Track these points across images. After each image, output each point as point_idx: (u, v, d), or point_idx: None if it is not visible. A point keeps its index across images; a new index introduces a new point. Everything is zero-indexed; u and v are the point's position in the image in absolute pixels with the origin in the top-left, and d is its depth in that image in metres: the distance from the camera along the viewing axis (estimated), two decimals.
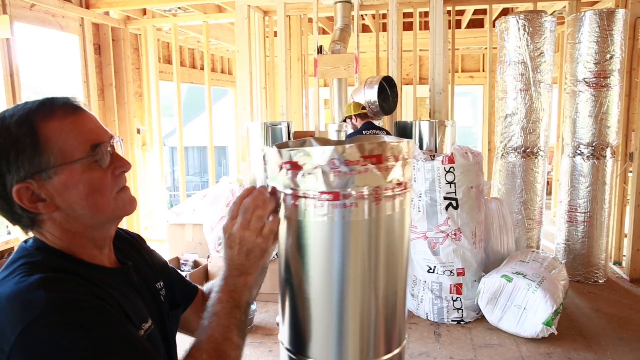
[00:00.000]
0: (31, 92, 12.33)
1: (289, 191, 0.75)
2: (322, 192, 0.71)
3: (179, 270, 1.20)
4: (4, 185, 0.74)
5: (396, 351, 0.81)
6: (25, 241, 0.82)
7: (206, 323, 0.80)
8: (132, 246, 0.99)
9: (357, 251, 0.74)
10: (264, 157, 0.80)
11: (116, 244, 0.92)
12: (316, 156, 0.70)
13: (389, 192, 0.73)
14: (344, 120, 4.27)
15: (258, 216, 0.79)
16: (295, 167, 0.72)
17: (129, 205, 0.84)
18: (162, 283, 1.00)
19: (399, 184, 0.74)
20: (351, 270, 0.74)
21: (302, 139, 0.89)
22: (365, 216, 0.72)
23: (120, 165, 0.81)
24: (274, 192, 0.79)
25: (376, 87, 4.22)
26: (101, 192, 0.78)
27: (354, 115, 4.08)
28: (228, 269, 0.83)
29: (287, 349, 0.83)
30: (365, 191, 0.71)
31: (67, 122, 0.76)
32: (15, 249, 0.81)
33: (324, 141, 0.90)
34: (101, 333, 0.68)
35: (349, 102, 4.41)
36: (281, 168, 0.75)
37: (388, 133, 4.02)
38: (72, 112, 0.77)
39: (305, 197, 0.73)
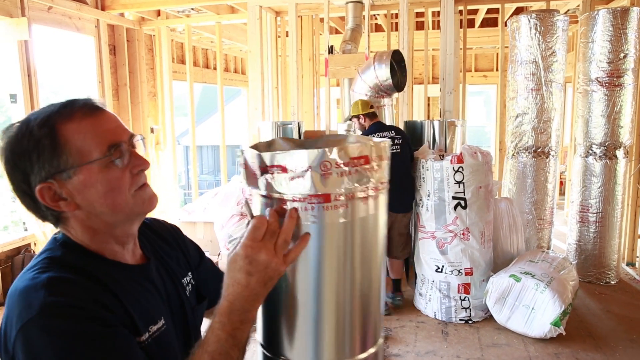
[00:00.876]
0: (50, 92, 12.57)
1: (272, 195, 0.75)
2: (311, 196, 0.71)
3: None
4: (29, 185, 0.78)
5: (372, 350, 0.81)
6: (56, 234, 0.85)
7: (195, 358, 0.74)
8: (164, 239, 1.00)
9: (332, 252, 0.74)
10: (244, 160, 0.76)
11: (146, 238, 0.94)
12: (305, 159, 0.70)
13: (371, 192, 0.74)
14: (350, 119, 3.95)
15: (284, 241, 0.73)
16: (283, 170, 0.72)
17: (148, 203, 0.85)
18: (190, 277, 1.00)
19: (382, 182, 0.76)
20: (327, 270, 0.75)
21: (269, 140, 0.88)
22: (343, 218, 0.73)
23: (138, 164, 0.82)
24: (294, 213, 0.73)
25: (388, 63, 3.94)
26: (119, 191, 0.80)
27: (362, 114, 3.77)
28: (236, 301, 0.74)
29: (264, 350, 0.83)
30: (349, 193, 0.72)
31: (85, 123, 0.78)
32: (48, 240, 0.86)
33: (291, 141, 0.90)
34: (87, 343, 0.69)
35: (357, 86, 4.10)
36: (264, 172, 0.73)
37: (399, 132, 3.70)
38: (90, 113, 0.79)
39: (294, 201, 0.73)
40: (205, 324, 0.93)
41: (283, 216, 0.73)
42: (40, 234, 4.23)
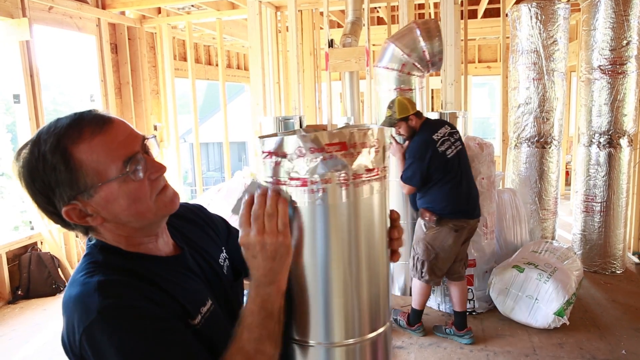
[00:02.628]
0: (57, 92, 12.64)
1: (270, 180, 0.79)
2: (291, 179, 0.75)
3: None
4: (55, 207, 0.80)
5: (381, 330, 0.84)
6: (90, 239, 0.87)
7: (238, 334, 0.80)
8: (192, 222, 1.02)
9: (337, 234, 0.77)
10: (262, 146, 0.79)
11: (174, 227, 0.96)
12: (294, 143, 0.74)
13: (363, 178, 0.76)
14: (394, 125, 3.11)
15: (269, 216, 0.77)
16: (269, 155, 0.76)
17: (170, 204, 0.86)
18: (225, 254, 1.03)
19: (369, 170, 0.77)
20: (333, 252, 0.78)
21: (297, 129, 0.91)
22: (342, 199, 0.76)
23: (155, 171, 0.83)
24: (276, 190, 0.78)
25: (439, 34, 3.39)
26: (141, 200, 0.81)
27: (412, 114, 3.05)
28: (257, 278, 0.79)
29: None
30: (338, 176, 0.74)
31: (96, 142, 0.78)
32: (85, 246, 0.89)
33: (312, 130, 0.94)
34: (147, 341, 0.74)
35: (386, 60, 3.44)
36: (269, 156, 0.77)
37: (451, 125, 3.12)
38: (99, 130, 0.79)
39: (278, 184, 0.77)
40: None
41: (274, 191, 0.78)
42: (46, 233, 4.28)
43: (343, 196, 0.76)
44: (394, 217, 0.89)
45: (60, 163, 0.76)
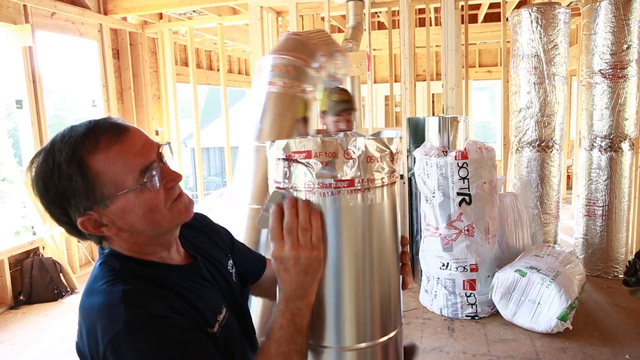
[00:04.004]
0: (58, 98, 12.67)
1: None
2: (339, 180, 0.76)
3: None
4: (69, 217, 0.79)
5: (392, 334, 0.84)
6: (102, 248, 0.87)
7: (265, 347, 0.79)
8: (199, 231, 1.02)
9: (349, 237, 0.79)
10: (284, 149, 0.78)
11: (184, 236, 0.95)
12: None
13: (376, 183, 0.78)
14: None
15: (303, 230, 0.77)
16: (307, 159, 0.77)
17: (184, 212, 0.85)
18: (231, 262, 1.03)
19: (382, 175, 0.79)
20: (345, 255, 0.79)
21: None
22: (356, 203, 0.77)
23: (170, 180, 0.83)
24: (306, 202, 0.78)
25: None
26: (157, 209, 0.81)
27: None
28: (288, 292, 0.79)
29: None
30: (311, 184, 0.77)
31: (113, 152, 0.77)
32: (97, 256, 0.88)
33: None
34: (174, 352, 0.73)
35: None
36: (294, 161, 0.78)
37: None
38: (116, 140, 0.78)
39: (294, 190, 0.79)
40: (251, 303, 0.98)
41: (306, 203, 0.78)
42: (48, 238, 4.28)
43: (358, 199, 0.77)
44: (404, 242, 0.90)
45: (77, 173, 0.76)
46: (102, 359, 0.73)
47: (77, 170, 0.76)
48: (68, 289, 4.25)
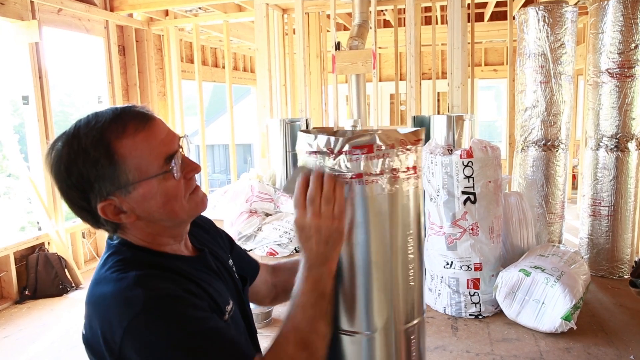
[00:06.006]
0: (63, 94, 12.73)
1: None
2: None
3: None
4: (89, 202, 0.79)
5: (416, 321, 0.88)
6: (110, 238, 0.87)
7: (292, 314, 0.81)
8: (203, 229, 1.04)
9: (377, 225, 0.81)
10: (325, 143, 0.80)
11: (190, 231, 0.96)
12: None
13: (403, 175, 0.81)
14: None
15: (327, 200, 0.78)
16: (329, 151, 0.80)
17: (200, 205, 0.87)
18: (232, 261, 1.05)
19: (407, 167, 0.82)
20: (373, 242, 0.81)
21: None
22: (384, 191, 0.80)
23: (191, 170, 0.84)
24: (332, 174, 0.80)
25: None
26: (176, 199, 0.82)
27: None
28: (309, 259, 0.81)
29: None
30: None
31: (139, 139, 0.78)
32: (105, 246, 0.88)
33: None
34: (194, 328, 0.73)
35: None
36: (340, 154, 0.79)
37: None
38: (143, 127, 0.79)
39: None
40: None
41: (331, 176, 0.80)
42: (54, 233, 4.30)
43: (385, 188, 0.79)
44: None
45: (103, 157, 0.76)
46: (121, 344, 0.72)
47: (103, 154, 0.76)
48: (73, 285, 4.28)
